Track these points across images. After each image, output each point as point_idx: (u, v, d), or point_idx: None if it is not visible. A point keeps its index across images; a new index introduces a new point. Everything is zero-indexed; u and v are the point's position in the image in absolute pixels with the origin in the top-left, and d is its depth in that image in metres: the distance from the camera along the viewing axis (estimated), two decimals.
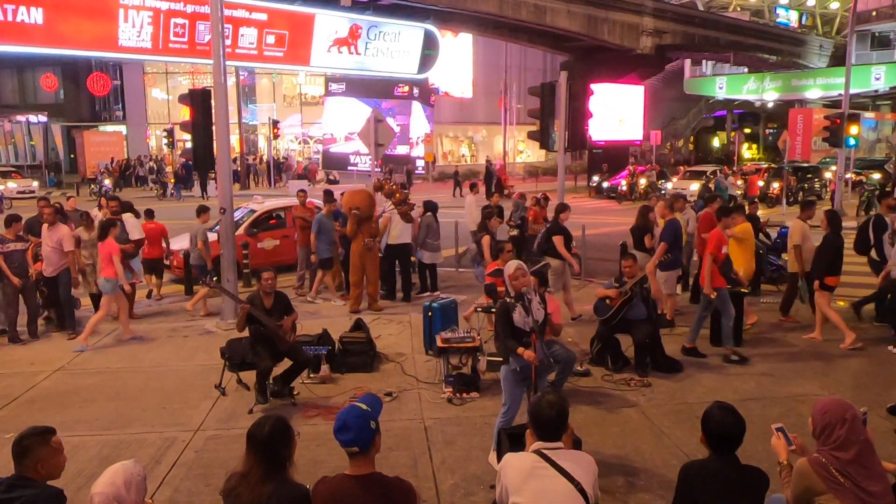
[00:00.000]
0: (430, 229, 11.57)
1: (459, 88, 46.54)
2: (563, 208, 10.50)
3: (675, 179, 30.52)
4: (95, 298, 10.49)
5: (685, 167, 36.11)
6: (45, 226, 9.64)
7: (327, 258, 11.43)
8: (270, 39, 26.51)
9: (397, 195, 14.06)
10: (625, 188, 29.87)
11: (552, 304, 6.93)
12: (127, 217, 10.76)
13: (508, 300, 5.66)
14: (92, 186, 33.08)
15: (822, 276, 8.73)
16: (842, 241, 8.92)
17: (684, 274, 11.86)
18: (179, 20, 24.01)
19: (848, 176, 24.56)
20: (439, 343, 7.66)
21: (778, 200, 25.51)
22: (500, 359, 5.79)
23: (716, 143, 58.69)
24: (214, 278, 10.82)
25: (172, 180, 34.20)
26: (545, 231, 10.59)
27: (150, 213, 12.00)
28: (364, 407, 3.19)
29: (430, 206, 11.89)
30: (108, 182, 32.91)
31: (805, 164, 30.98)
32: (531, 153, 49.33)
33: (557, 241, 10.09)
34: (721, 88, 50.93)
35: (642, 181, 30.38)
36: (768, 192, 26.80)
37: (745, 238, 9.73)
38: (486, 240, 10.56)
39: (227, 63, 10.62)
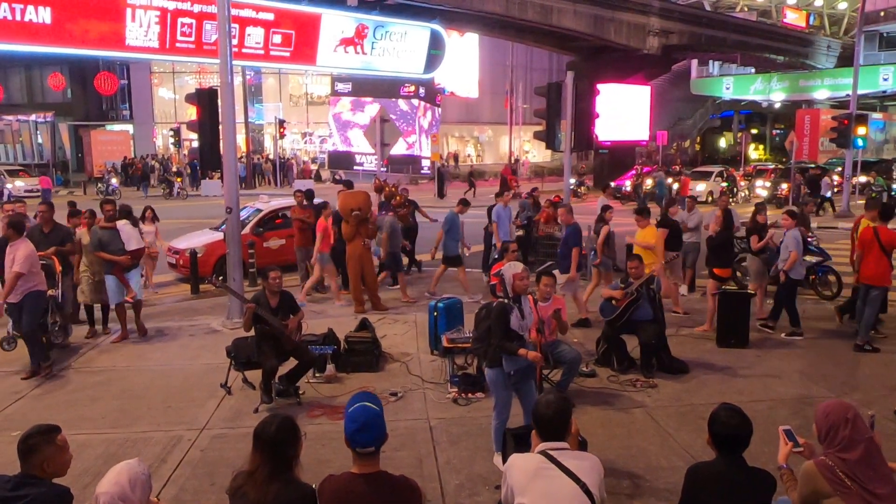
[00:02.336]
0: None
1: (465, 88, 46.55)
2: (671, 203, 11.00)
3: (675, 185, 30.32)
4: (90, 311, 9.92)
5: (674, 166, 36.09)
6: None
7: None
8: (277, 39, 26.54)
9: (397, 198, 14.09)
10: (629, 189, 29.81)
11: (557, 302, 6.94)
12: (122, 224, 9.57)
13: (506, 302, 5.61)
14: (99, 185, 33.21)
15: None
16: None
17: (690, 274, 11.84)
18: (186, 20, 24.06)
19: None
20: (445, 343, 7.66)
21: (787, 201, 25.43)
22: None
23: (722, 143, 58.61)
24: (220, 277, 10.85)
25: (179, 179, 34.33)
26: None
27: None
28: (375, 406, 3.20)
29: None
30: (115, 181, 33.05)
31: (812, 165, 30.87)
32: (537, 153, 49.33)
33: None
34: (728, 89, 50.79)
35: (648, 182, 30.30)
36: (777, 194, 26.67)
37: (646, 241, 9.93)
38: (604, 230, 10.73)
39: (234, 63, 10.63)
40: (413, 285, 12.62)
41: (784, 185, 26.34)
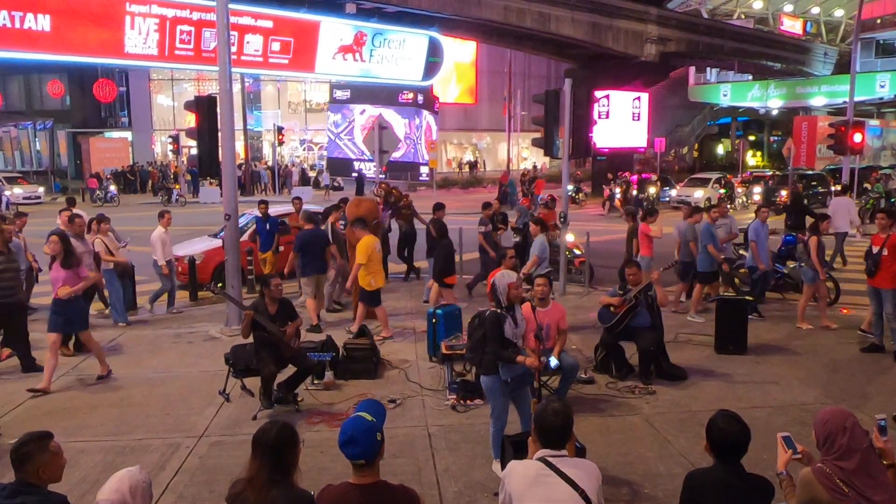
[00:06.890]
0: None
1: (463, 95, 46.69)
2: (823, 218, 10.38)
3: (677, 188, 30.49)
4: None
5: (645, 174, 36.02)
6: None
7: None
8: (276, 46, 26.59)
9: (404, 201, 14.26)
10: (619, 197, 29.91)
11: (557, 308, 6.96)
12: None
13: (499, 311, 5.61)
14: (97, 192, 33.19)
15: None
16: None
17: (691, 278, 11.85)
18: (185, 27, 24.11)
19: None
20: (443, 350, 7.66)
21: (785, 208, 25.42)
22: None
23: (720, 150, 58.71)
24: (220, 284, 10.83)
25: (178, 186, 34.36)
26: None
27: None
28: (370, 418, 3.14)
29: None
30: (113, 188, 33.03)
31: (810, 172, 30.96)
32: (535, 160, 49.43)
33: (812, 242, 9.87)
34: (725, 96, 50.94)
35: (635, 192, 30.39)
36: (774, 200, 26.70)
37: (366, 250, 9.49)
38: (813, 241, 10.46)
39: (233, 70, 10.65)
40: (411, 293, 12.63)
41: (783, 192, 26.37)
